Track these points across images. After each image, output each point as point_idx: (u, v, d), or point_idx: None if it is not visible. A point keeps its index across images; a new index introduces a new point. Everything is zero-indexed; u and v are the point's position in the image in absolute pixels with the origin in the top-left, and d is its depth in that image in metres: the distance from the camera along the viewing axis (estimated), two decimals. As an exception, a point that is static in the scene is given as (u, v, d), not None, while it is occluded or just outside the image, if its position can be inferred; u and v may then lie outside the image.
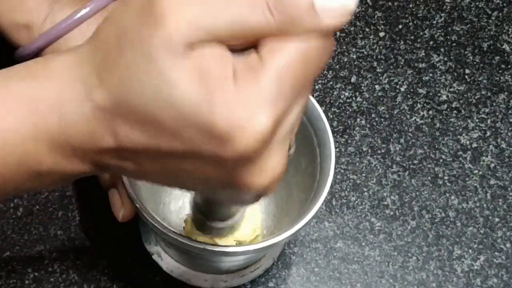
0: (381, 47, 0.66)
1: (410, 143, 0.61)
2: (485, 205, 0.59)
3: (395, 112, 0.62)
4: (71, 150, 0.31)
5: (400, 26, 0.67)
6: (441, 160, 0.60)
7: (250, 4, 0.27)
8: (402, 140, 0.61)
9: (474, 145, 0.61)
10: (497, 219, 0.58)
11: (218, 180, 0.30)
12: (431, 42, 0.66)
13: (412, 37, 0.66)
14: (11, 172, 0.32)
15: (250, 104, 0.27)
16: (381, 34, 0.66)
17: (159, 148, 0.29)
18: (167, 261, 0.53)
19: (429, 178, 0.59)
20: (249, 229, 0.52)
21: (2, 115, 0.31)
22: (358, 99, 0.63)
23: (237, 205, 0.41)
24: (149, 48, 0.27)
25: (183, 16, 0.27)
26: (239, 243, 0.50)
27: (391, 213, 0.58)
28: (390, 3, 0.68)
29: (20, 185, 0.33)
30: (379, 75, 0.64)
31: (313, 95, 0.49)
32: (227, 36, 0.27)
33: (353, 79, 0.64)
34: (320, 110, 0.47)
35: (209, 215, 0.45)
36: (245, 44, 0.28)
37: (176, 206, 0.54)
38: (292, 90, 0.28)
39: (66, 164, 0.31)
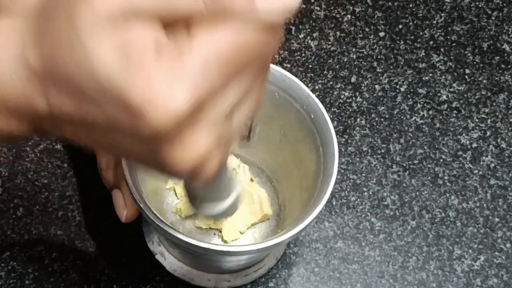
0: (381, 47, 0.66)
1: (410, 143, 0.61)
2: (485, 205, 0.59)
3: (395, 112, 0.62)
4: (6, 110, 0.31)
5: (400, 26, 0.67)
6: (441, 160, 0.60)
7: None
8: (402, 140, 0.61)
9: (474, 145, 0.61)
10: (497, 219, 0.58)
11: (142, 154, 0.30)
12: (431, 42, 0.66)
13: (412, 37, 0.66)
14: None
15: (169, 81, 0.27)
16: (381, 34, 0.66)
17: (85, 117, 0.29)
18: (170, 261, 0.53)
19: (429, 178, 0.59)
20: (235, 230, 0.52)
21: None
22: (358, 99, 0.63)
23: (186, 182, 0.39)
24: (74, 17, 0.27)
25: None
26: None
27: (391, 213, 0.58)
28: (390, 3, 0.68)
29: None
30: (379, 75, 0.64)
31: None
32: (153, 13, 0.27)
33: (353, 79, 0.64)
34: (323, 109, 0.47)
35: (198, 197, 0.44)
36: (176, 24, 0.28)
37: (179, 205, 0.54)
38: (219, 72, 0.27)
39: (3, 123, 0.31)
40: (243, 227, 0.53)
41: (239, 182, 0.43)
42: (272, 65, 0.47)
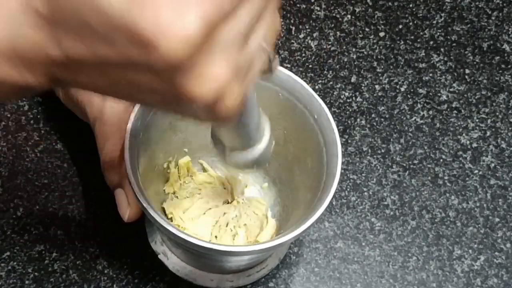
0: (381, 47, 0.66)
1: (410, 143, 0.61)
2: (485, 205, 0.59)
3: (395, 112, 0.62)
4: (19, 60, 0.30)
5: (400, 26, 0.67)
6: (441, 160, 0.60)
7: None
8: (402, 140, 0.61)
9: (474, 145, 0.61)
10: (497, 219, 0.58)
11: (160, 89, 0.28)
12: (431, 42, 0.66)
13: (412, 37, 0.66)
14: None
15: (177, 7, 0.25)
16: (381, 34, 0.66)
17: (97, 56, 0.28)
18: (173, 261, 0.53)
19: (429, 178, 0.59)
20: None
21: None
22: (358, 99, 0.63)
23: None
24: None
25: None
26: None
27: (391, 213, 0.58)
28: (390, 3, 0.68)
29: None
30: (379, 75, 0.64)
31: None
32: None
33: (353, 79, 0.64)
34: (327, 110, 0.47)
35: (226, 144, 0.41)
36: None
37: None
38: None
39: (16, 75, 0.30)
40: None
41: (268, 129, 0.40)
42: None
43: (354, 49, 0.65)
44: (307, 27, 0.66)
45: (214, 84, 0.27)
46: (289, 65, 0.64)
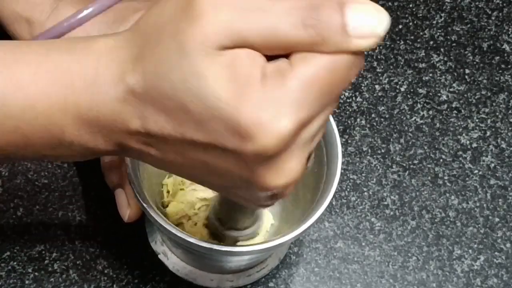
0: (381, 47, 0.66)
1: (410, 143, 0.61)
2: (485, 205, 0.59)
3: (395, 112, 0.62)
4: (97, 127, 0.32)
5: (400, 26, 0.67)
6: (441, 160, 0.60)
7: (286, 16, 0.29)
8: (402, 140, 0.61)
9: (474, 145, 0.61)
10: (497, 219, 0.58)
11: (237, 175, 0.31)
12: (431, 42, 0.66)
13: (412, 37, 0.66)
14: (35, 135, 0.33)
15: (275, 106, 0.28)
16: (381, 34, 0.66)
17: (184, 137, 0.30)
18: (173, 261, 0.53)
19: (429, 178, 0.59)
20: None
21: (35, 80, 0.32)
22: (358, 99, 0.63)
23: (252, 206, 0.41)
24: (184, 42, 0.29)
25: (220, 18, 0.28)
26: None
27: (391, 213, 0.58)
28: (390, 3, 0.68)
29: (41, 150, 0.34)
30: (379, 75, 0.64)
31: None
32: (258, 43, 0.29)
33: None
34: None
35: (226, 222, 0.45)
36: (278, 53, 0.30)
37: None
38: (317, 99, 0.29)
39: (90, 140, 0.32)
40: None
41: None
42: None
43: (354, 49, 0.65)
44: (307, 27, 0.66)
45: (288, 178, 0.31)
46: (289, 65, 0.64)
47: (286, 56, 0.30)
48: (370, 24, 0.29)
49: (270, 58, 0.30)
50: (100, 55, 0.32)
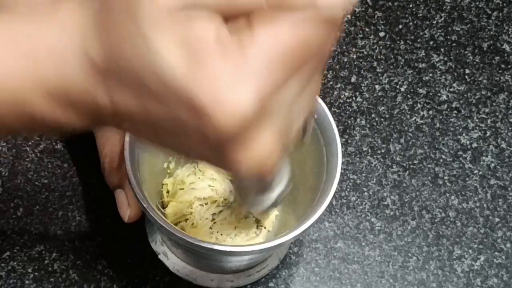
0: (381, 47, 0.66)
1: (410, 143, 0.61)
2: (485, 205, 0.59)
3: (395, 112, 0.62)
4: (67, 102, 0.30)
5: (400, 26, 0.67)
6: (441, 160, 0.60)
7: None
8: (402, 140, 0.61)
9: (474, 145, 0.61)
10: (497, 219, 0.58)
11: (206, 152, 0.29)
12: (431, 42, 0.66)
13: (412, 37, 0.66)
14: (4, 111, 0.31)
15: (233, 79, 0.26)
16: (381, 34, 0.66)
17: (149, 115, 0.28)
18: (173, 261, 0.53)
19: (429, 178, 0.59)
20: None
21: None
22: (358, 99, 0.63)
23: (241, 178, 0.38)
24: (136, 12, 0.26)
25: None
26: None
27: (391, 213, 0.58)
28: (390, 3, 0.68)
29: (13, 126, 0.32)
30: (379, 75, 0.64)
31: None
32: (215, 6, 0.26)
33: (353, 79, 0.64)
34: (326, 109, 0.47)
35: (250, 194, 0.42)
36: (237, 15, 0.27)
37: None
38: (283, 68, 0.27)
39: (62, 115, 0.31)
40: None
41: (287, 164, 0.41)
42: None
43: (354, 49, 0.65)
44: (307, 27, 0.66)
45: (261, 154, 0.28)
46: (289, 65, 0.64)
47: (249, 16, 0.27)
48: None
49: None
50: (64, 22, 0.29)
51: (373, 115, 0.62)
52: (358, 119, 0.62)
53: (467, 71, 0.65)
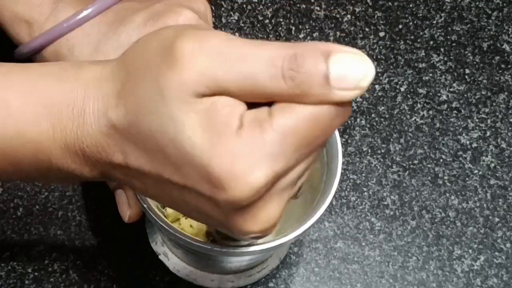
0: (381, 47, 0.66)
1: (410, 143, 0.61)
2: (485, 205, 0.59)
3: (395, 112, 0.62)
4: (82, 156, 0.32)
5: (400, 26, 0.67)
6: (441, 160, 0.60)
7: (266, 65, 0.28)
8: (402, 140, 0.61)
9: (474, 145, 0.61)
10: (497, 219, 0.58)
11: (214, 218, 0.31)
12: (431, 42, 0.66)
13: (412, 37, 0.66)
14: (23, 162, 0.33)
15: (250, 158, 0.28)
16: (381, 34, 0.66)
17: (161, 176, 0.30)
18: (173, 261, 0.53)
19: (429, 178, 0.59)
20: None
21: (25, 107, 0.32)
22: (358, 99, 0.63)
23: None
24: (163, 86, 0.28)
25: (198, 65, 0.28)
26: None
27: (391, 213, 0.58)
28: (390, 3, 0.68)
29: (30, 175, 0.35)
30: (379, 75, 0.64)
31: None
32: (237, 91, 0.28)
33: (353, 79, 0.64)
34: None
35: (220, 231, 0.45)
36: (259, 101, 0.29)
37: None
38: (296, 150, 0.29)
39: (76, 168, 0.33)
40: None
41: None
42: None
43: (354, 49, 0.65)
44: (307, 27, 0.66)
45: (265, 224, 0.31)
46: (289, 65, 0.64)
47: (270, 104, 0.29)
48: (355, 77, 0.28)
49: (254, 104, 0.29)
50: (87, 85, 0.32)
51: (373, 115, 0.62)
52: (358, 119, 0.62)
53: (467, 71, 0.65)
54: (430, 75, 0.64)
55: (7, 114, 0.32)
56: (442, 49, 0.66)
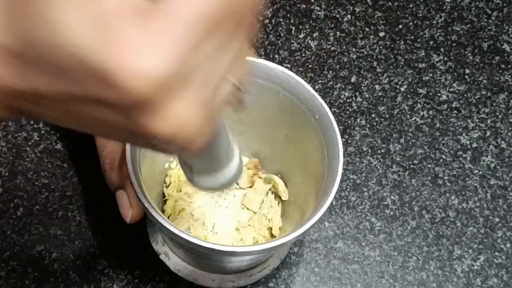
0: (381, 47, 0.66)
1: (410, 143, 0.61)
2: (485, 205, 0.59)
3: (395, 112, 0.62)
4: None
5: (400, 26, 0.67)
6: (441, 160, 0.60)
7: None
8: (402, 140, 0.61)
9: (474, 145, 0.61)
10: (497, 219, 0.58)
11: (121, 127, 0.28)
12: (431, 42, 0.66)
13: (412, 37, 0.66)
14: None
15: (143, 42, 0.25)
16: (381, 34, 0.66)
17: (60, 92, 0.27)
18: (174, 261, 0.53)
19: (429, 178, 0.59)
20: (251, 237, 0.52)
21: None
22: (358, 99, 0.63)
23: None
24: None
25: None
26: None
27: (391, 213, 0.58)
28: (390, 3, 0.68)
29: None
30: (379, 75, 0.64)
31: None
32: None
33: (353, 79, 0.64)
34: (328, 110, 0.47)
35: (193, 169, 0.41)
36: None
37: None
38: (198, 31, 0.26)
39: None
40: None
41: (237, 149, 0.40)
42: (276, 66, 0.48)
43: (354, 49, 0.65)
44: (307, 27, 0.66)
45: (177, 121, 0.27)
46: (289, 65, 0.64)
47: None
48: None
49: None
50: None
51: (373, 115, 0.62)
52: (358, 119, 0.62)
53: (467, 71, 0.65)
54: (430, 75, 0.64)
55: None
56: (442, 49, 0.66)
